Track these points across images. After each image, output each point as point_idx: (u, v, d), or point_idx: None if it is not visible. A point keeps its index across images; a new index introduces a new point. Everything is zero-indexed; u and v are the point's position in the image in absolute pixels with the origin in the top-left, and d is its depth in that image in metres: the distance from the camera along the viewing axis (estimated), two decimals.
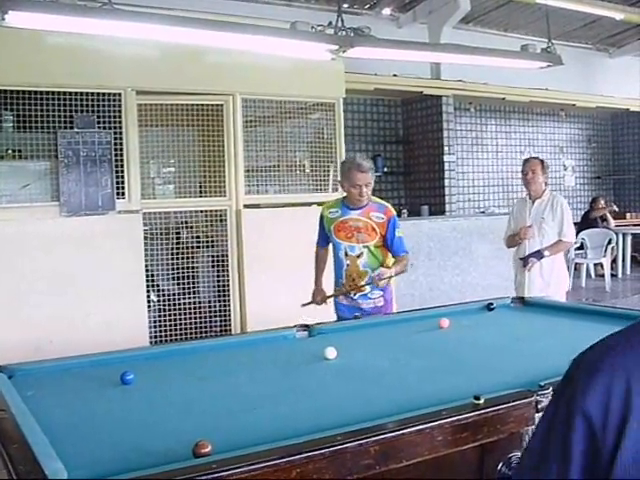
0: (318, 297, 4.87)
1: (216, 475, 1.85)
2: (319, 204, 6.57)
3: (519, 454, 2.56)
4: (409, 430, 2.21)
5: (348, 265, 4.75)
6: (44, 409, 2.58)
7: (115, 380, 2.96)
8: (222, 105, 6.12)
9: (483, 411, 2.38)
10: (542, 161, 5.91)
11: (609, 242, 11.10)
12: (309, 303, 4.82)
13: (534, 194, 5.82)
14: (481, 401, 2.41)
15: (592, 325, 4.06)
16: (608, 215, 12.53)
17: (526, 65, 4.87)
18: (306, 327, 4.00)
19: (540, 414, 2.51)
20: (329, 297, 4.79)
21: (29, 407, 2.55)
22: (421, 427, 2.24)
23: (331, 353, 3.35)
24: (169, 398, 2.81)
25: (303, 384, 3.02)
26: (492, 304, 4.64)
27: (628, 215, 13.64)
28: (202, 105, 6.06)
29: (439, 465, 2.40)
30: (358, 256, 4.71)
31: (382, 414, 2.35)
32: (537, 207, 5.77)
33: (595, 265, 11.70)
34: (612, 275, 11.39)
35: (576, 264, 11.12)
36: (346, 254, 4.76)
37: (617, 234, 11.63)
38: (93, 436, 2.34)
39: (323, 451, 2.03)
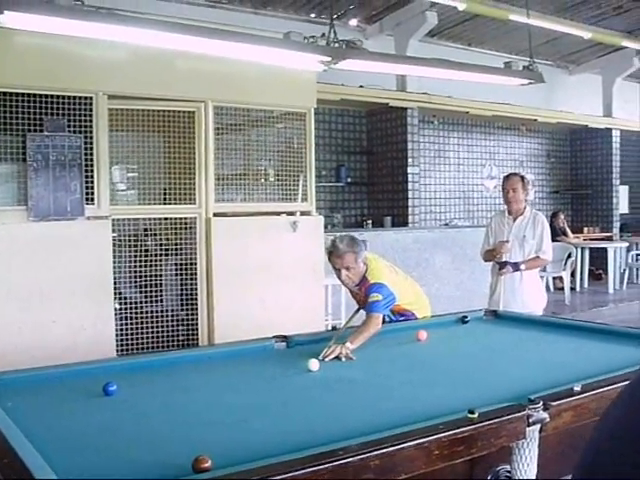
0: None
1: None
2: (288, 214, 6.56)
3: (508, 467, 2.56)
4: (408, 444, 2.19)
5: None
6: (28, 421, 2.50)
7: (97, 391, 2.89)
8: (194, 112, 6.05)
9: (478, 425, 2.38)
10: (523, 177, 5.82)
11: (569, 256, 11.24)
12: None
13: (515, 212, 5.75)
14: (475, 415, 2.40)
15: (562, 338, 4.13)
16: (567, 229, 12.72)
17: (508, 82, 4.92)
18: (284, 338, 3.97)
19: (531, 428, 2.51)
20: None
21: (12, 418, 2.47)
22: (420, 441, 2.22)
23: (314, 365, 3.33)
24: (156, 410, 2.76)
25: (290, 396, 2.99)
26: (466, 317, 4.66)
27: (585, 230, 13.85)
28: (174, 111, 5.99)
29: (430, 478, 2.39)
30: None
31: (373, 428, 2.33)
32: (519, 224, 5.71)
33: (554, 278, 11.83)
34: (571, 288, 11.52)
35: None
36: None
37: (575, 248, 11.78)
38: (84, 449, 2.28)
39: (326, 466, 2.00)
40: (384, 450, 2.13)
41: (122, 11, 4.47)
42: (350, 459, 2.04)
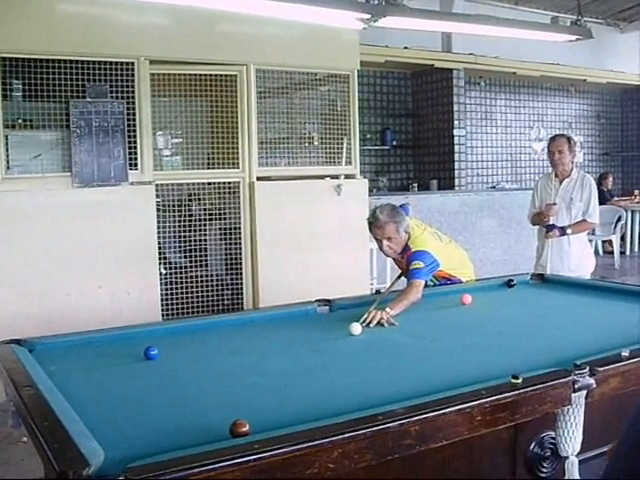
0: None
1: (258, 455, 1.79)
2: (332, 177, 6.51)
3: (552, 434, 2.51)
4: (449, 410, 2.15)
5: None
6: (70, 385, 2.52)
7: (138, 355, 2.90)
8: (236, 75, 6.01)
9: (522, 390, 2.33)
10: (569, 138, 5.64)
11: (619, 219, 11.02)
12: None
13: (561, 174, 5.59)
14: (519, 380, 2.35)
15: (611, 303, 4.02)
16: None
17: (555, 38, 4.77)
18: (327, 302, 3.95)
19: (577, 394, 2.46)
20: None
21: (54, 383, 2.49)
22: (461, 407, 2.18)
23: (356, 329, 3.31)
24: (196, 375, 2.75)
25: (331, 360, 2.97)
26: (512, 280, 4.58)
27: (636, 192, 13.53)
28: (215, 75, 5.95)
29: (473, 444, 2.36)
30: None
31: (417, 392, 2.30)
32: (565, 187, 5.56)
33: (603, 242, 11.63)
34: (620, 252, 11.32)
35: None
36: None
37: (626, 211, 11.54)
38: (123, 413, 2.29)
39: (365, 431, 1.97)
40: (424, 415, 2.09)
41: None
42: (389, 424, 2.01)
